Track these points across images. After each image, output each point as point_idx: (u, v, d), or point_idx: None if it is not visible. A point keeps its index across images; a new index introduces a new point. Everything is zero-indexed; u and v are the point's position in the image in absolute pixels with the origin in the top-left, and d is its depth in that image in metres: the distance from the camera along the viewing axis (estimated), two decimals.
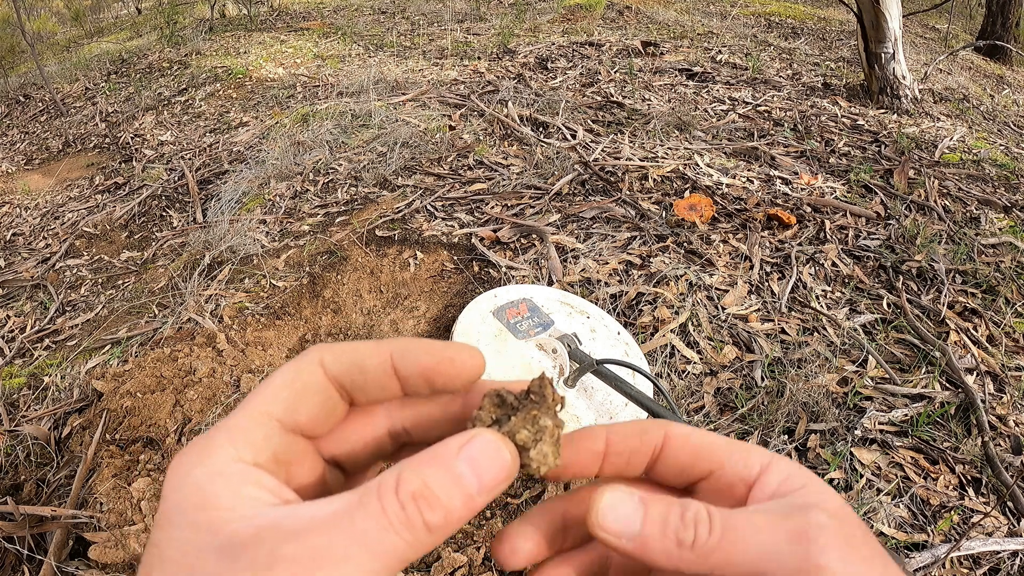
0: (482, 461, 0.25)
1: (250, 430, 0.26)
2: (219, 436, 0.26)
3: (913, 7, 6.97)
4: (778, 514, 0.25)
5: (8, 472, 1.75)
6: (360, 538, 0.22)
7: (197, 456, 0.25)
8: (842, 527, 0.25)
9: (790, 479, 0.27)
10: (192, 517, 0.23)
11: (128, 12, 9.64)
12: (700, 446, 0.29)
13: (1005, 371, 1.90)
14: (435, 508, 0.24)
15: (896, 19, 3.79)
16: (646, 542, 0.26)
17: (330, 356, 0.28)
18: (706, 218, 2.53)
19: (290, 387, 0.27)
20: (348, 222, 2.73)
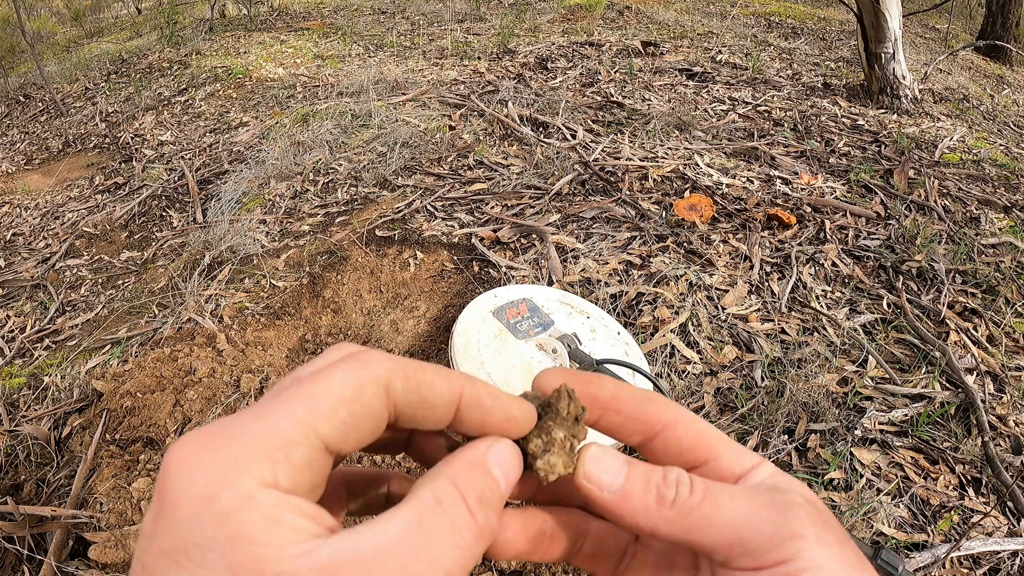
0: (507, 464, 0.26)
1: (292, 448, 0.22)
2: (248, 447, 0.21)
3: (913, 7, 6.97)
4: (757, 490, 0.26)
5: (8, 472, 1.75)
6: (436, 558, 0.21)
7: (220, 472, 0.20)
8: (816, 510, 0.25)
9: (774, 475, 0.28)
10: (229, 556, 0.19)
11: (128, 12, 9.64)
12: (702, 433, 0.29)
13: (1005, 371, 1.90)
14: (492, 509, 0.24)
15: (896, 19, 3.79)
16: (627, 496, 0.26)
17: (400, 383, 0.25)
18: (706, 218, 2.53)
19: (348, 408, 0.23)
20: (348, 222, 2.73)
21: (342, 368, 0.24)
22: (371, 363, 0.24)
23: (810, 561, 0.24)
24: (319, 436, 0.22)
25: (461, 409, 0.26)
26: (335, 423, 0.23)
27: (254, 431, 0.21)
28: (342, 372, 0.24)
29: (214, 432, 0.22)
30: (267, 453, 0.21)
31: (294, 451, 0.22)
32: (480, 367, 1.18)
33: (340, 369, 0.24)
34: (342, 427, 0.23)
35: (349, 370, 0.24)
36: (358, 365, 0.24)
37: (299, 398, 0.23)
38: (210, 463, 0.21)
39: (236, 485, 0.20)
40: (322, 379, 0.23)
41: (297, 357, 2.11)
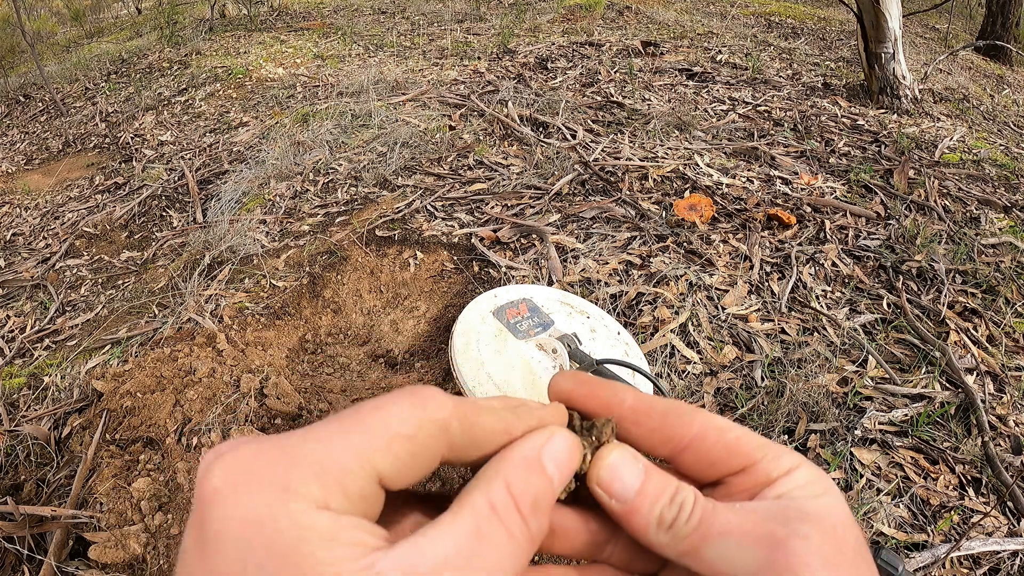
0: (563, 459, 0.26)
1: (346, 476, 0.21)
2: (301, 471, 0.21)
3: (913, 7, 6.97)
4: (762, 516, 0.25)
5: (8, 472, 1.75)
6: (493, 568, 0.21)
7: (271, 495, 0.20)
8: (827, 544, 0.24)
9: (808, 485, 0.26)
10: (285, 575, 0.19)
11: (128, 12, 9.64)
12: (737, 440, 0.27)
13: (1005, 371, 1.90)
14: (544, 513, 0.24)
15: (896, 19, 3.79)
16: (634, 511, 0.26)
17: (457, 426, 0.24)
18: (706, 218, 2.53)
19: (405, 445, 0.23)
20: (348, 222, 2.73)
21: (402, 403, 0.23)
22: (433, 402, 0.24)
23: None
24: (375, 468, 0.22)
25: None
26: (390, 457, 0.22)
27: (307, 454, 0.21)
28: (402, 408, 0.23)
29: (262, 452, 0.21)
30: (321, 479, 0.21)
31: (348, 480, 0.21)
32: (480, 367, 1.18)
33: (400, 404, 0.23)
34: (397, 463, 0.22)
35: (410, 407, 0.23)
36: (419, 402, 0.24)
37: (357, 427, 0.22)
38: (260, 485, 0.20)
39: (289, 508, 0.20)
40: (382, 412, 0.23)
41: (297, 357, 2.11)
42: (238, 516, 0.20)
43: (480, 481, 0.24)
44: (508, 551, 0.22)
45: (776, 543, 0.24)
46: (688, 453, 0.28)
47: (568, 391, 0.29)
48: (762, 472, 0.27)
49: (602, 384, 0.29)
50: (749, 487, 0.27)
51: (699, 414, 0.28)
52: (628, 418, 0.28)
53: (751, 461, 0.27)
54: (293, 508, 0.20)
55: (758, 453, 0.27)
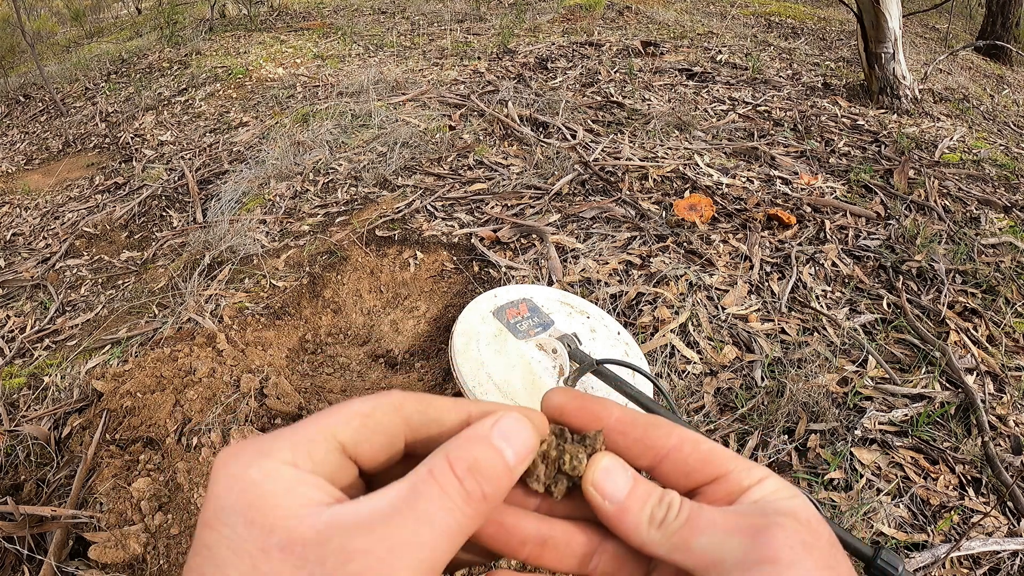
0: (513, 435, 0.28)
1: (313, 444, 0.26)
2: (279, 442, 0.25)
3: (913, 7, 6.97)
4: (743, 513, 0.27)
5: (8, 472, 1.75)
6: (428, 520, 0.24)
7: (251, 457, 0.25)
8: (804, 531, 0.26)
9: (779, 491, 0.28)
10: (247, 516, 0.23)
11: (128, 12, 9.64)
12: (710, 453, 0.30)
13: (1005, 371, 1.90)
14: (488, 479, 0.26)
15: (896, 19, 3.79)
16: (625, 510, 0.28)
17: (411, 404, 0.29)
18: (706, 218, 2.53)
19: (362, 419, 0.27)
20: (348, 222, 2.73)
21: (367, 396, 0.28)
22: (389, 393, 0.29)
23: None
24: (336, 438, 0.26)
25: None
26: (350, 429, 0.27)
27: (284, 434, 0.26)
28: (362, 397, 0.28)
29: (255, 438, 0.26)
30: (291, 447, 0.25)
31: (315, 446, 0.26)
32: (480, 367, 1.18)
33: (362, 396, 0.28)
34: (355, 434, 0.27)
35: (368, 397, 0.28)
36: (380, 394, 0.29)
37: (322, 414, 0.27)
38: (245, 454, 0.25)
39: (263, 464, 0.24)
40: (347, 401, 0.28)
41: (297, 357, 2.11)
42: (223, 476, 0.24)
43: (427, 458, 0.27)
44: (440, 507, 0.24)
45: (758, 530, 0.26)
46: (667, 463, 0.30)
47: (560, 405, 0.32)
48: (734, 481, 0.29)
49: (591, 399, 0.32)
50: (723, 495, 0.29)
51: (676, 428, 0.30)
52: (615, 429, 0.31)
53: (723, 471, 0.29)
54: (265, 464, 0.24)
55: (730, 464, 0.29)
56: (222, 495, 0.24)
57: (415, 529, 0.23)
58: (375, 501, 0.24)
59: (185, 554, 1.44)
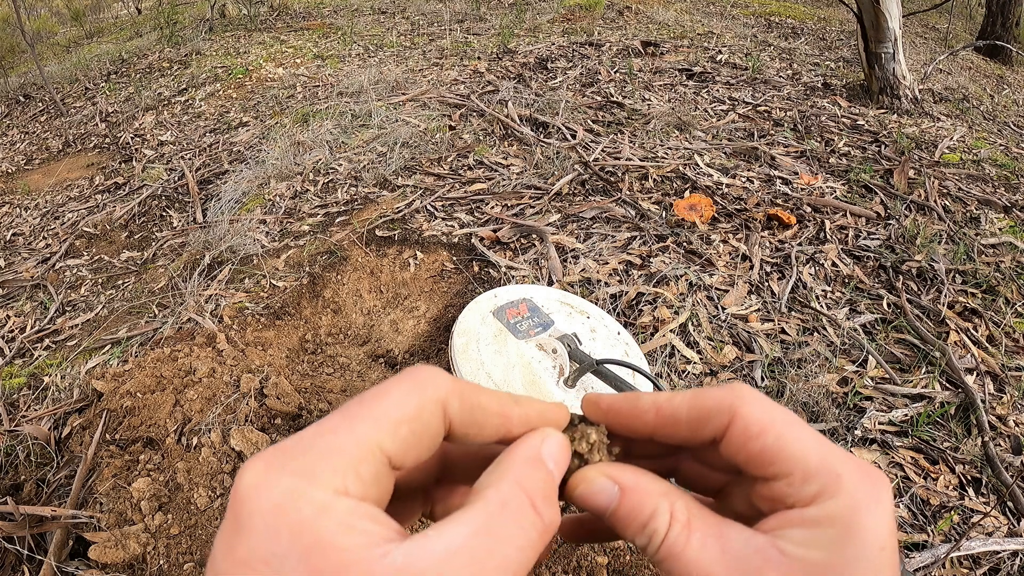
0: (558, 457, 0.27)
1: (359, 463, 0.23)
2: (320, 462, 0.22)
3: (913, 7, 6.97)
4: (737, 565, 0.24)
5: (8, 472, 1.75)
6: (505, 559, 0.22)
7: (295, 481, 0.22)
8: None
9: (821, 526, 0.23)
10: (309, 564, 0.20)
11: (128, 12, 9.64)
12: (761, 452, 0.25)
13: (1005, 371, 1.90)
14: (553, 506, 0.25)
15: (896, 19, 3.79)
16: (613, 527, 0.27)
17: (456, 403, 0.26)
18: (706, 218, 2.53)
19: (410, 426, 0.24)
20: (348, 222, 2.73)
21: (403, 386, 0.25)
22: (431, 383, 0.26)
23: None
24: (384, 452, 0.24)
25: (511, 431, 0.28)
26: (397, 440, 0.24)
27: (323, 447, 0.23)
28: (403, 391, 0.25)
29: (284, 449, 0.23)
30: (337, 468, 0.22)
31: (362, 467, 0.23)
32: (480, 367, 1.18)
33: (401, 388, 0.25)
34: (403, 444, 0.24)
35: (410, 389, 0.25)
36: (419, 384, 0.25)
37: (364, 416, 0.24)
38: (283, 476, 0.22)
39: (311, 495, 0.21)
40: (385, 398, 0.25)
41: (297, 357, 2.11)
42: (265, 506, 0.21)
43: (490, 479, 0.25)
44: (517, 545, 0.23)
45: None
46: (713, 452, 0.28)
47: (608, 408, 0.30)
48: (778, 492, 0.25)
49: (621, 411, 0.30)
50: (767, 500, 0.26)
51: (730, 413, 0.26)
52: (659, 432, 0.29)
53: (771, 476, 0.25)
54: (314, 495, 0.21)
55: (783, 469, 0.25)
56: (267, 533, 0.21)
57: (497, 572, 0.22)
58: (447, 539, 0.22)
59: (186, 554, 1.44)
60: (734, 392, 0.27)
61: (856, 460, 0.25)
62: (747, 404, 0.26)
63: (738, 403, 0.26)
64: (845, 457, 0.25)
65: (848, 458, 0.25)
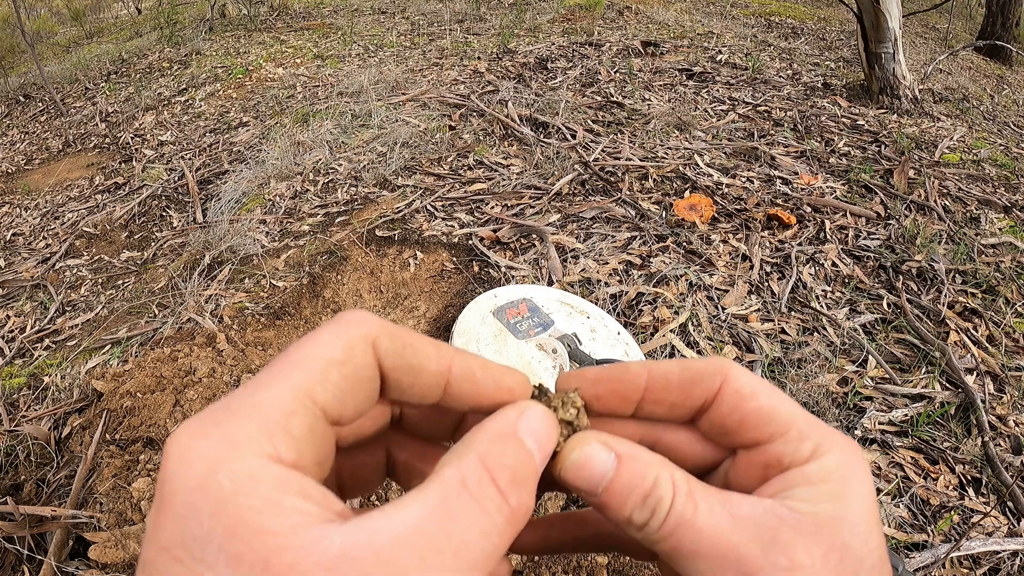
0: (541, 433, 0.23)
1: (289, 418, 0.20)
2: (246, 422, 0.19)
3: (913, 7, 6.97)
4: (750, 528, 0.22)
5: (8, 472, 1.75)
6: (462, 549, 0.19)
7: (216, 450, 0.19)
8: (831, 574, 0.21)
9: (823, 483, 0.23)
10: (230, 550, 0.17)
11: (128, 12, 9.64)
12: (754, 412, 0.25)
13: (1005, 371, 1.90)
14: (527, 488, 0.22)
15: (896, 19, 3.79)
16: (604, 506, 0.24)
17: (387, 342, 0.23)
18: (706, 218, 2.53)
19: (341, 369, 0.22)
20: (348, 222, 2.73)
21: (328, 330, 0.22)
22: (357, 322, 0.23)
23: None
24: (316, 402, 0.21)
25: (452, 382, 0.25)
26: (329, 387, 0.21)
27: (248, 407, 0.20)
28: (329, 334, 0.22)
29: (210, 414, 0.20)
30: (264, 427, 0.19)
31: (292, 421, 0.20)
32: None
33: (326, 331, 0.22)
34: (337, 391, 0.21)
35: (336, 331, 0.22)
36: (344, 325, 0.23)
37: (290, 367, 0.21)
38: (206, 445, 0.19)
39: (234, 466, 0.18)
40: (310, 344, 0.22)
41: None
42: (188, 482, 0.18)
43: (452, 455, 0.22)
44: (479, 530, 0.20)
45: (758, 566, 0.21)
46: (704, 420, 0.26)
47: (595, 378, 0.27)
48: (773, 453, 0.24)
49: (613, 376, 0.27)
50: (758, 467, 0.25)
51: (722, 376, 0.25)
52: (648, 399, 0.27)
53: (765, 437, 0.24)
54: (237, 466, 0.18)
55: (777, 428, 0.24)
56: (186, 513, 0.18)
57: (453, 562, 0.19)
58: (396, 521, 0.19)
59: None
60: (720, 361, 0.26)
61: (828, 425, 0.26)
62: (735, 370, 0.26)
63: (726, 368, 0.26)
64: (821, 421, 0.25)
65: (823, 423, 0.25)
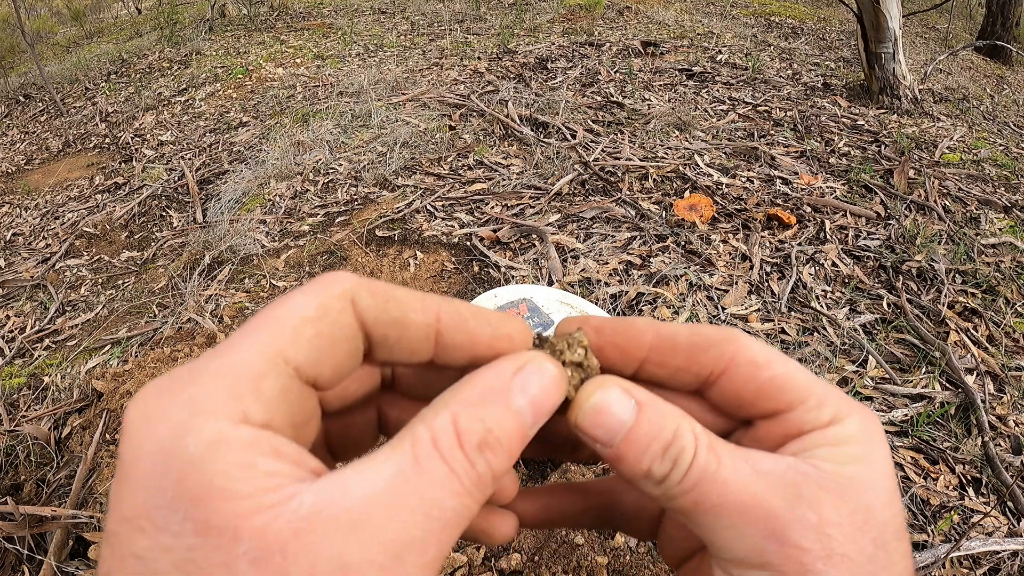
0: (539, 391, 0.22)
1: (261, 378, 0.19)
2: (211, 384, 0.18)
3: (913, 7, 6.97)
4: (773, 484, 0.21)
5: (8, 472, 1.75)
6: (432, 510, 0.18)
7: (181, 414, 0.17)
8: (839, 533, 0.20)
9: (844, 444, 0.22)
10: (196, 517, 0.16)
11: (128, 12, 9.64)
12: (770, 381, 0.23)
13: (1005, 371, 1.90)
14: (500, 453, 0.20)
15: (896, 19, 3.79)
16: (620, 458, 0.22)
17: (368, 298, 0.22)
18: (706, 218, 2.53)
19: (316, 327, 0.20)
20: (348, 222, 2.73)
21: (302, 290, 0.21)
22: (333, 280, 0.22)
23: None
24: (288, 361, 0.20)
25: (443, 333, 0.23)
26: (302, 344, 0.20)
27: (215, 369, 0.19)
28: (303, 293, 0.21)
29: (174, 376, 0.19)
30: (232, 388, 0.18)
31: (263, 382, 0.19)
32: None
33: (300, 292, 0.21)
34: (311, 348, 0.20)
35: (311, 290, 0.21)
36: (319, 284, 0.21)
37: (261, 326, 0.20)
38: (170, 410, 0.18)
39: (200, 430, 0.17)
40: (282, 304, 0.21)
41: None
42: (147, 446, 0.17)
43: (428, 411, 0.21)
44: (449, 491, 0.19)
45: (774, 532, 0.20)
46: (715, 390, 0.25)
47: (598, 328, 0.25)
48: (794, 422, 0.23)
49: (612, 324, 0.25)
50: (777, 437, 0.23)
51: (734, 344, 0.24)
52: (652, 360, 0.25)
53: (785, 406, 0.23)
54: (204, 430, 0.17)
55: (796, 397, 0.23)
56: (149, 482, 0.17)
57: (421, 523, 0.18)
58: (367, 480, 0.18)
59: None
60: (729, 330, 0.25)
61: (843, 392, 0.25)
62: (745, 338, 0.24)
63: (736, 336, 0.24)
64: (836, 388, 0.25)
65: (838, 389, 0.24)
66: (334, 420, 0.26)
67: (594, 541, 1.40)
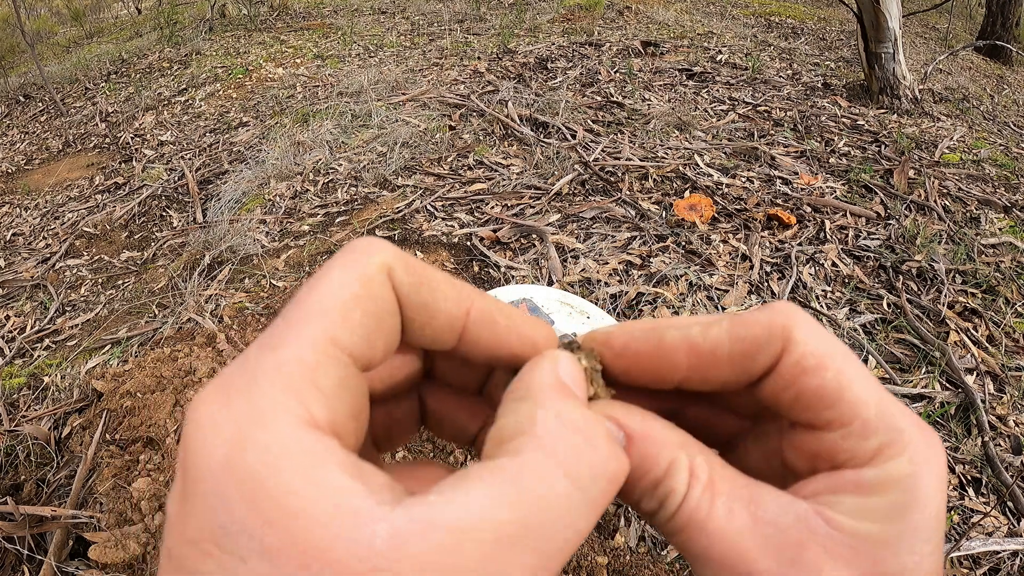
0: (580, 382, 0.21)
1: (315, 372, 0.17)
2: (269, 384, 0.17)
3: (913, 7, 6.97)
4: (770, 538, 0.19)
5: (8, 472, 1.75)
6: (543, 540, 0.16)
7: (240, 422, 0.16)
8: None
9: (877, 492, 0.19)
10: (263, 539, 0.15)
11: (128, 12, 9.64)
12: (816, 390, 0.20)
13: (1005, 371, 1.90)
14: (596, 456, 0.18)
15: (896, 19, 3.79)
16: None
17: (402, 274, 0.20)
18: (706, 218, 2.53)
19: (364, 305, 0.19)
20: (348, 222, 2.73)
21: (340, 263, 0.19)
22: (371, 249, 0.20)
23: None
24: (342, 347, 0.18)
25: (470, 327, 0.22)
26: (355, 327, 0.18)
27: (268, 365, 0.17)
28: (341, 269, 0.19)
29: (227, 379, 0.17)
30: (290, 385, 0.17)
31: (319, 374, 0.17)
32: None
33: (338, 266, 0.19)
34: (363, 330, 0.19)
35: (348, 262, 0.19)
36: (357, 254, 0.20)
37: (306, 312, 0.18)
38: (228, 418, 0.16)
39: (261, 440, 0.16)
40: (323, 283, 0.19)
41: None
42: (209, 460, 0.16)
43: (509, 419, 0.19)
44: (556, 515, 0.17)
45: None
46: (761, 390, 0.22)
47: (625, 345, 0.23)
48: (829, 448, 0.20)
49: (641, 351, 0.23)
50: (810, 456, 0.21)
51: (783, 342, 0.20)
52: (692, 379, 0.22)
53: (823, 425, 0.20)
54: (265, 440, 0.16)
55: (839, 416, 0.20)
56: (214, 501, 0.15)
57: (533, 559, 0.16)
58: (456, 509, 0.16)
59: None
60: (783, 313, 0.21)
61: (911, 413, 0.20)
62: (800, 329, 0.20)
63: (791, 326, 0.21)
64: (902, 409, 0.20)
65: (904, 410, 0.20)
66: (378, 408, 0.24)
67: (594, 541, 1.40)
